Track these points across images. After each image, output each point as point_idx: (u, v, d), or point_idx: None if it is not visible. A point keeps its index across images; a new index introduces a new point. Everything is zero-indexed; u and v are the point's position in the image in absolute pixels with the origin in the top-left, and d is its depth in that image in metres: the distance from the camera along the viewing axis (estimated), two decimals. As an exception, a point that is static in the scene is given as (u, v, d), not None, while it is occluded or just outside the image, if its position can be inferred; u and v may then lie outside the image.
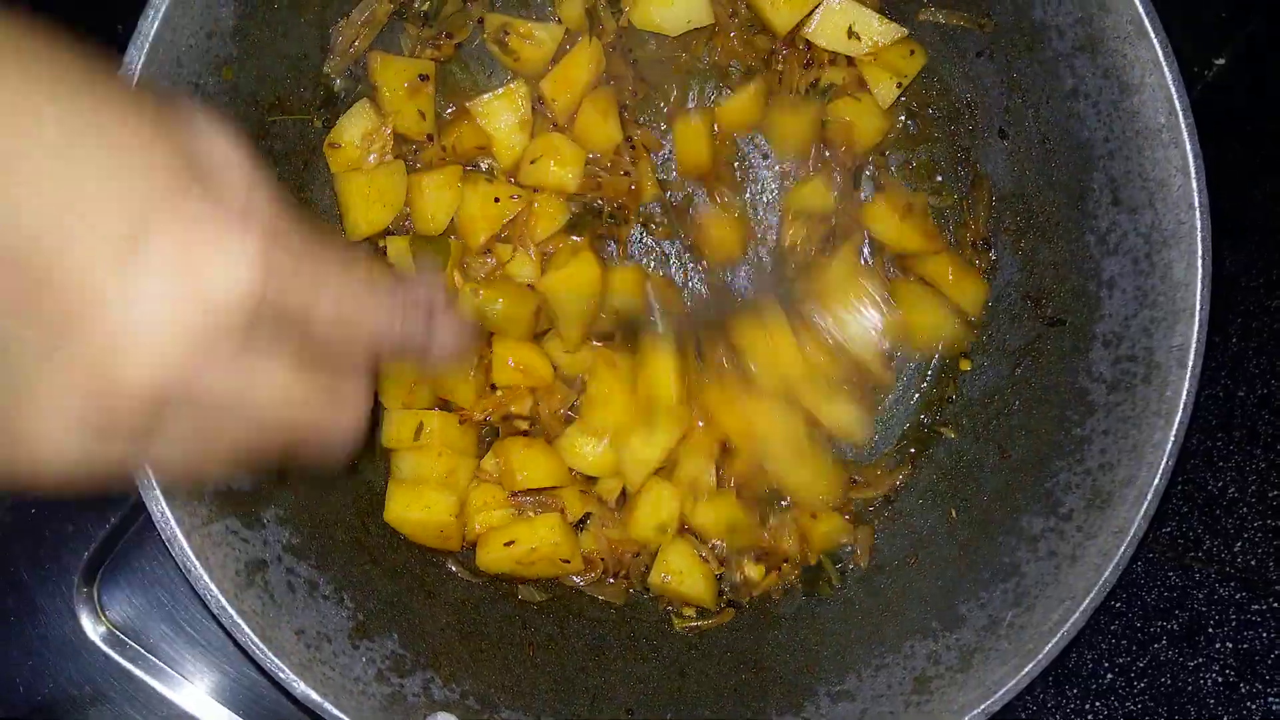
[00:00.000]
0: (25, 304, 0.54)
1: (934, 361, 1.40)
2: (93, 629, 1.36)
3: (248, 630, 1.04)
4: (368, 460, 1.29)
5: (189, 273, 0.57)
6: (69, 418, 0.57)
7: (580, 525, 1.31)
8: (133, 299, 0.55)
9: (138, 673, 1.36)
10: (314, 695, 1.05)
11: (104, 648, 1.36)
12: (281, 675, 1.05)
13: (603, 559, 1.31)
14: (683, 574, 1.29)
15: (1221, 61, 1.51)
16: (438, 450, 1.26)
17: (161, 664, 1.37)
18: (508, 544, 1.25)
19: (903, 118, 1.37)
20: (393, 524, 1.25)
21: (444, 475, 1.27)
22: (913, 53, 1.30)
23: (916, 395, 1.40)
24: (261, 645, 1.04)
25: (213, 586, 1.03)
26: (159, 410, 0.59)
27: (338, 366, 0.69)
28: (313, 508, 1.18)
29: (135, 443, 0.61)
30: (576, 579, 1.32)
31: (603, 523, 1.31)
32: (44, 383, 0.56)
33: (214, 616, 1.04)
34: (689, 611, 1.32)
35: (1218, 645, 1.38)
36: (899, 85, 1.30)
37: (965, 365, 1.37)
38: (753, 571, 1.33)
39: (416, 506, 1.25)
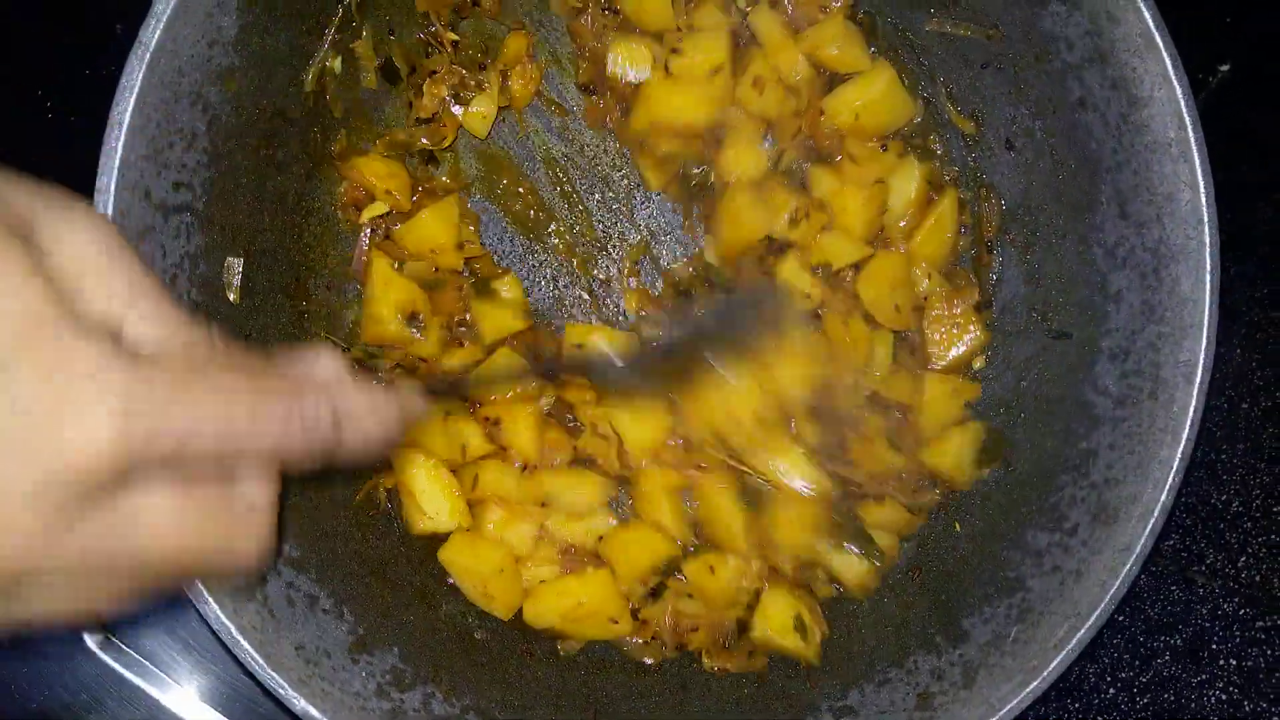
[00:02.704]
0: None
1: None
2: (89, 636, 1.35)
3: (246, 645, 1.03)
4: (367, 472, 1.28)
5: (35, 439, 0.51)
6: None
7: (655, 595, 1.28)
8: None
9: (134, 679, 1.35)
10: (313, 711, 1.04)
11: (101, 654, 1.35)
12: (281, 691, 1.03)
13: (659, 628, 1.28)
14: (786, 629, 1.25)
15: (1225, 68, 1.50)
16: (494, 501, 1.27)
17: (158, 671, 1.36)
18: (555, 596, 1.24)
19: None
20: (444, 563, 1.26)
21: (501, 525, 1.27)
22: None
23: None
24: (260, 660, 1.03)
25: (211, 601, 1.02)
26: (21, 580, 0.55)
27: (232, 482, 0.63)
28: (313, 521, 1.17)
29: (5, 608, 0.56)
30: (626, 640, 1.29)
31: (679, 593, 1.28)
32: None
33: (212, 630, 1.03)
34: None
35: (1221, 661, 1.38)
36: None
37: (978, 363, 1.35)
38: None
39: (467, 553, 1.25)
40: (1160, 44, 1.11)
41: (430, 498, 1.25)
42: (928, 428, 1.31)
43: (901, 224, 1.33)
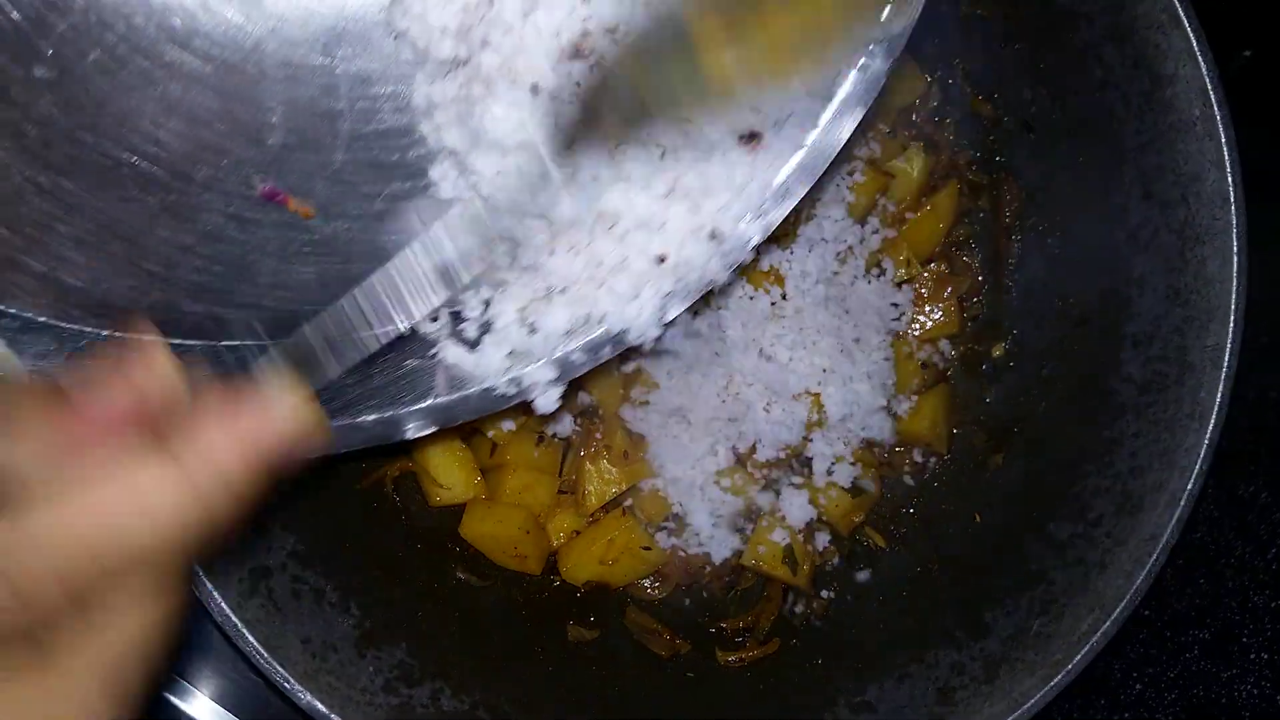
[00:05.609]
0: None
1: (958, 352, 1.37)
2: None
3: (252, 639, 1.01)
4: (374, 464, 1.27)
5: None
6: None
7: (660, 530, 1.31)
8: None
9: (144, 679, 1.34)
10: (319, 706, 1.02)
11: (109, 653, 1.34)
12: (286, 685, 1.02)
13: (670, 568, 1.30)
14: (776, 560, 1.27)
15: (1248, 53, 1.48)
16: (513, 468, 1.27)
17: (170, 672, 1.34)
18: (586, 544, 1.26)
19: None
20: (467, 538, 1.26)
21: (519, 491, 1.27)
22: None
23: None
24: (266, 654, 1.01)
25: (216, 594, 1.00)
26: None
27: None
28: (319, 514, 1.15)
29: None
30: (649, 592, 1.30)
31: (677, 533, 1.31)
32: None
33: (217, 625, 1.01)
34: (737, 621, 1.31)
35: (1252, 655, 1.35)
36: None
37: (997, 351, 1.34)
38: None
39: (490, 520, 1.24)
40: (1184, 20, 1.09)
41: (445, 470, 1.25)
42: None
43: (893, 209, 1.33)
